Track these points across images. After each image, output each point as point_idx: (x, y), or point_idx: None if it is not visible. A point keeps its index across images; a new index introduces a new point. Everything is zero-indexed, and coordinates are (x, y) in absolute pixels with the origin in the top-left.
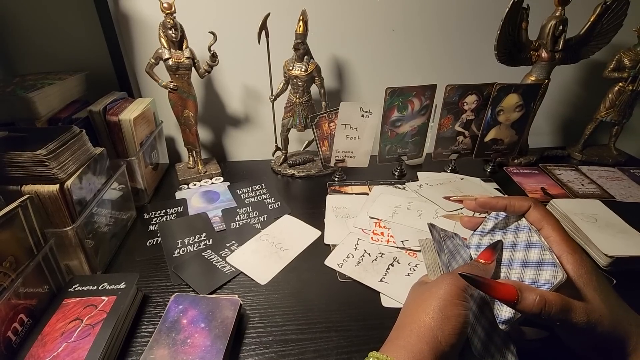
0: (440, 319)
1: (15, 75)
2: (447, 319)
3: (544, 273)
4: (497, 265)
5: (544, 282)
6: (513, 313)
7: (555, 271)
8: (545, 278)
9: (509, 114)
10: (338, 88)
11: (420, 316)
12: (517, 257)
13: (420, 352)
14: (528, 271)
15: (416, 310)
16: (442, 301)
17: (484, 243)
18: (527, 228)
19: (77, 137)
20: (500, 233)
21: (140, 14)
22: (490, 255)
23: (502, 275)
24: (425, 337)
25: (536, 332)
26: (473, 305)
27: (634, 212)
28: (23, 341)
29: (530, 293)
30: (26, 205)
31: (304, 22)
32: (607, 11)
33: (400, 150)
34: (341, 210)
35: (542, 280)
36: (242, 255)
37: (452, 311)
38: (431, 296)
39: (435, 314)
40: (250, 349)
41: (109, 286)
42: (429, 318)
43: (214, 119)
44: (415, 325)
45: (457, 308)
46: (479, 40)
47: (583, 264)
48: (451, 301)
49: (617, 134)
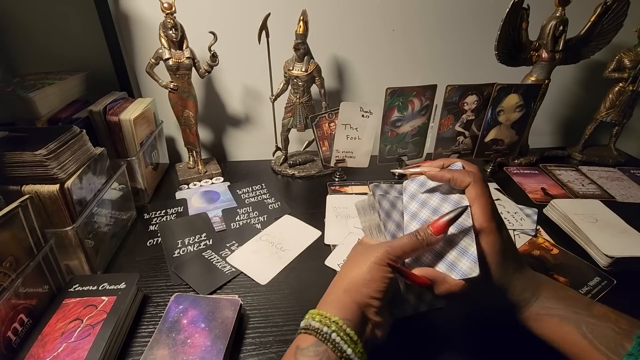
0: (368, 279)
1: (15, 75)
2: (373, 279)
3: (463, 262)
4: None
5: (460, 269)
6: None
7: (473, 266)
8: (462, 267)
9: (509, 114)
10: (338, 88)
11: (350, 275)
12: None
13: (345, 303)
14: (451, 250)
15: (348, 270)
16: (371, 264)
17: (420, 197)
18: (467, 212)
19: (78, 137)
20: (440, 198)
21: (140, 14)
22: (442, 228)
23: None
24: (351, 292)
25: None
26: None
27: (634, 212)
28: (23, 341)
29: (441, 286)
30: (26, 205)
31: (304, 22)
32: (608, 11)
33: (401, 150)
34: (341, 211)
35: (459, 266)
36: (242, 256)
37: (378, 274)
38: (364, 259)
39: (363, 274)
40: (251, 349)
41: (109, 286)
42: (357, 277)
43: (214, 119)
44: (344, 282)
45: (384, 272)
46: (479, 41)
47: (494, 245)
48: (379, 266)
49: (617, 135)
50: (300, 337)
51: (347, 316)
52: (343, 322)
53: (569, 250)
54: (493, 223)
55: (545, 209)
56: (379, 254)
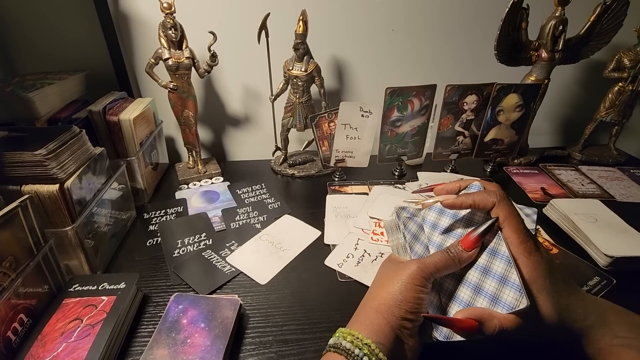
0: (400, 299)
1: (15, 75)
2: (405, 300)
3: (506, 293)
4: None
5: (505, 302)
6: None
7: (519, 297)
8: (507, 299)
9: (509, 114)
10: (338, 88)
11: (381, 294)
12: (480, 260)
13: (378, 325)
14: (489, 281)
15: (380, 289)
16: (403, 284)
17: (441, 226)
18: (498, 234)
19: (77, 137)
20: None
21: (140, 14)
22: (473, 243)
23: (458, 272)
24: (383, 313)
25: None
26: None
27: (634, 212)
28: (23, 341)
29: (490, 323)
30: (26, 205)
31: (304, 22)
32: (607, 11)
33: (400, 150)
34: (341, 210)
35: (503, 299)
36: (242, 255)
37: (411, 294)
38: (395, 277)
39: (395, 294)
40: (250, 349)
41: (108, 286)
42: (389, 297)
43: (214, 119)
44: (376, 302)
45: (416, 292)
46: (479, 40)
47: (538, 267)
48: (412, 285)
49: (617, 134)
50: (328, 356)
51: (380, 339)
52: (375, 345)
53: (568, 250)
54: (530, 242)
55: (545, 209)
56: (411, 272)
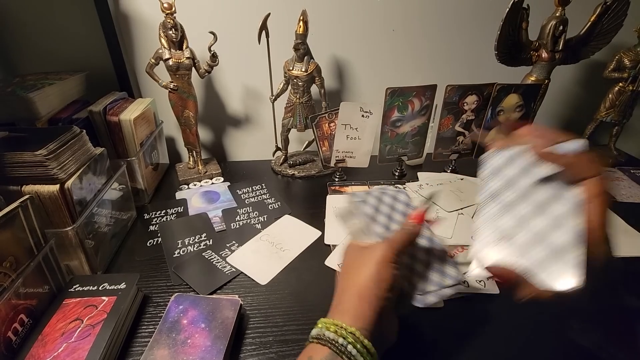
0: (377, 279)
1: (15, 75)
2: (382, 279)
3: (563, 260)
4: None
5: (554, 270)
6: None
7: (573, 273)
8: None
9: (509, 114)
10: (338, 88)
11: (359, 280)
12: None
13: (363, 312)
14: (555, 234)
15: (355, 274)
16: (377, 265)
17: (508, 175)
18: (574, 203)
19: (78, 137)
20: (546, 191)
21: (140, 14)
22: (421, 216)
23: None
24: (366, 298)
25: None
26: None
27: (634, 212)
28: (23, 341)
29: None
30: (26, 206)
31: (304, 22)
32: (607, 11)
33: (401, 150)
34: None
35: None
36: (242, 256)
37: (387, 272)
38: (368, 261)
39: (372, 276)
40: (251, 349)
41: (109, 286)
42: (367, 280)
43: (214, 119)
44: (355, 288)
45: (391, 269)
46: (479, 40)
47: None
48: (387, 264)
49: (617, 134)
50: (312, 347)
51: (364, 325)
52: (359, 332)
53: None
54: (605, 232)
55: None
56: (383, 252)
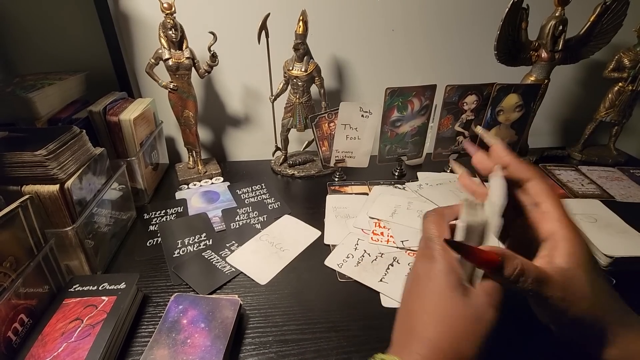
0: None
1: (15, 76)
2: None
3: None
4: None
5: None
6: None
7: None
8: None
9: (509, 114)
10: (338, 88)
11: (422, 332)
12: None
13: None
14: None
15: (414, 315)
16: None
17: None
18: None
19: (77, 138)
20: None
21: (140, 14)
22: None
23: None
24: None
25: None
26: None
27: (634, 212)
28: (23, 341)
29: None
30: (26, 206)
31: (304, 22)
32: (607, 11)
33: (400, 150)
34: (341, 210)
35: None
36: (242, 256)
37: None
38: (425, 293)
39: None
40: (250, 349)
41: (109, 286)
42: (433, 334)
43: (214, 119)
44: (425, 349)
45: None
46: (479, 40)
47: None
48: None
49: (617, 134)
50: None
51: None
52: None
53: None
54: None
55: None
56: (439, 278)
